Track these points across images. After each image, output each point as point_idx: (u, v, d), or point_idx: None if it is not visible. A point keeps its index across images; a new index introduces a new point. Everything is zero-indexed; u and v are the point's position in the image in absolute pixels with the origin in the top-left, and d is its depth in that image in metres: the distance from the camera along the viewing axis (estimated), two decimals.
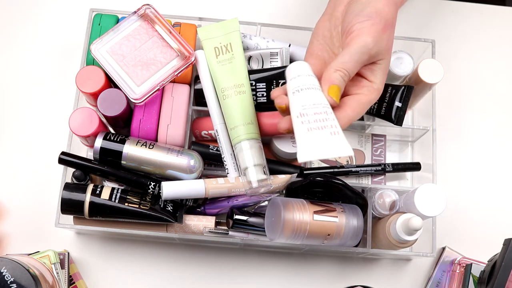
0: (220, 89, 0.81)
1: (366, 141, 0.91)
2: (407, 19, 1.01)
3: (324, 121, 0.64)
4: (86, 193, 0.80)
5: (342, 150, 0.64)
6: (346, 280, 0.92)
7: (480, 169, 0.96)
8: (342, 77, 0.67)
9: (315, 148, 0.63)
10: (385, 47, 0.69)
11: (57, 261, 0.82)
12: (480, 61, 1.01)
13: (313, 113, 0.65)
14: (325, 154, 0.63)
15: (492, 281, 0.76)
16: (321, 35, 0.74)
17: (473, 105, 0.99)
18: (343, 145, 0.64)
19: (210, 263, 0.91)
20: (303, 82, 0.67)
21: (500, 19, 1.03)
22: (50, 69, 0.97)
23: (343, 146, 0.64)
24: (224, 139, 0.81)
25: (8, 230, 0.90)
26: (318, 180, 0.81)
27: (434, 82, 0.85)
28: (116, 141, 0.80)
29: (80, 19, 0.97)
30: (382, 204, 0.86)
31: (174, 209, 0.82)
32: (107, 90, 0.81)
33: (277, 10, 1.01)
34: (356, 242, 0.81)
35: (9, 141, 0.94)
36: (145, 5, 0.82)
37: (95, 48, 0.80)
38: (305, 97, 0.66)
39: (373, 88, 0.70)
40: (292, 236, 0.77)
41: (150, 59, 0.80)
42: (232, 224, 0.82)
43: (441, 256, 0.91)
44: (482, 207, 0.95)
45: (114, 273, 0.90)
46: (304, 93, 0.66)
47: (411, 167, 0.88)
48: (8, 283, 0.68)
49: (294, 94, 0.67)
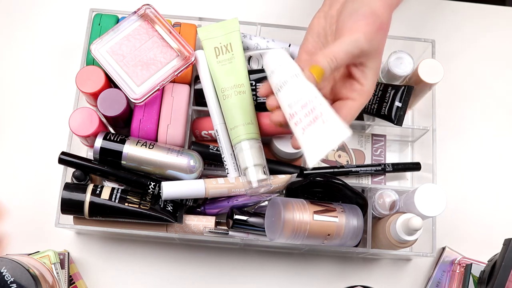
0: (220, 89, 0.81)
1: (366, 141, 0.91)
2: (407, 19, 1.01)
3: (312, 112, 0.64)
4: (86, 193, 0.80)
5: (340, 136, 0.64)
6: (346, 280, 0.92)
7: (480, 169, 0.96)
8: (328, 63, 0.65)
9: (317, 147, 0.64)
10: (377, 47, 0.68)
11: (57, 261, 0.82)
12: (480, 61, 1.01)
13: (300, 108, 0.65)
14: (327, 148, 0.64)
15: (492, 281, 0.76)
16: (315, 32, 0.73)
17: (473, 105, 0.99)
18: (340, 130, 0.64)
19: (210, 263, 0.91)
20: (283, 76, 0.67)
21: (500, 19, 1.03)
22: (50, 69, 0.97)
23: (340, 130, 0.64)
24: (224, 139, 0.81)
25: (8, 230, 0.90)
26: (318, 180, 0.81)
27: (434, 82, 0.85)
28: (116, 141, 0.80)
29: (80, 19, 0.97)
30: (382, 204, 0.86)
31: (174, 209, 0.82)
32: (107, 90, 0.81)
33: (277, 10, 1.01)
34: (356, 242, 0.81)
35: (9, 141, 0.94)
36: (145, 5, 0.82)
37: (95, 48, 0.80)
38: (288, 94, 0.66)
39: (363, 92, 0.69)
40: (292, 236, 0.77)
41: (150, 59, 0.80)
42: (232, 224, 0.82)
43: (441, 256, 0.91)
44: (482, 207, 0.95)
45: (114, 273, 0.90)
46: (286, 89, 0.66)
47: (411, 167, 0.89)
48: (8, 283, 0.68)
49: (278, 93, 0.67)
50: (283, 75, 0.67)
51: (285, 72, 0.67)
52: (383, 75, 0.89)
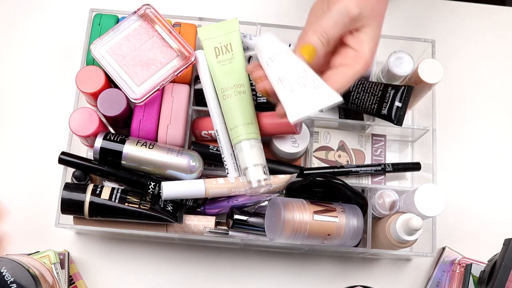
0: (220, 89, 0.81)
1: (366, 141, 0.91)
2: (407, 19, 1.01)
3: (304, 79, 0.63)
4: (86, 193, 0.80)
5: (329, 99, 0.62)
6: (346, 280, 0.92)
7: (480, 169, 0.96)
8: (318, 38, 0.64)
9: (303, 104, 0.62)
10: (371, 11, 0.66)
11: (57, 261, 0.82)
12: (480, 61, 1.01)
13: (291, 75, 0.64)
14: (314, 107, 0.62)
15: (492, 281, 0.76)
16: (314, 16, 0.72)
17: (473, 105, 0.99)
18: (330, 94, 0.63)
19: (210, 263, 0.91)
20: (274, 50, 0.66)
21: (500, 19, 1.03)
22: (50, 69, 0.97)
23: (330, 95, 0.63)
24: (224, 139, 0.81)
25: (8, 230, 0.90)
26: (318, 180, 0.81)
27: (434, 82, 0.85)
28: (116, 141, 0.80)
29: (80, 19, 0.97)
30: (382, 204, 0.86)
31: (174, 209, 0.82)
32: (107, 90, 0.81)
33: (277, 10, 1.01)
34: (356, 242, 0.81)
35: (9, 141, 0.94)
36: (145, 5, 0.82)
37: (95, 48, 0.80)
38: (280, 64, 0.65)
39: (358, 57, 0.66)
40: (292, 236, 0.77)
41: (150, 59, 0.80)
42: (232, 224, 0.82)
43: (441, 256, 0.91)
44: (482, 207, 0.95)
45: (114, 273, 0.90)
46: (278, 60, 0.66)
47: (411, 167, 0.89)
48: (8, 283, 0.68)
49: (269, 64, 0.66)
50: (273, 51, 0.66)
51: (275, 48, 0.66)
52: (383, 75, 0.89)
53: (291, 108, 0.62)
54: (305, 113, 0.62)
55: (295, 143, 0.85)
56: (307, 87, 0.63)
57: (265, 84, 0.66)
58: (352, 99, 0.86)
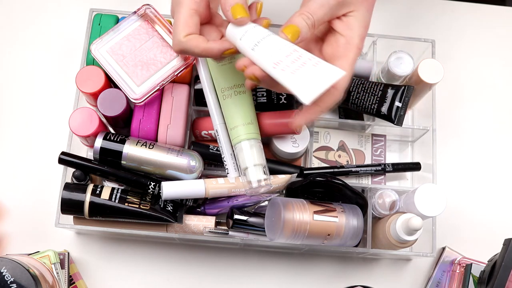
0: (220, 89, 0.81)
1: (366, 141, 0.91)
2: (407, 19, 1.01)
3: (300, 58, 0.61)
4: (86, 193, 0.80)
5: (335, 75, 0.61)
6: (346, 280, 0.92)
7: (480, 169, 0.96)
8: (304, 20, 0.63)
9: (312, 83, 0.60)
10: None
11: (57, 261, 0.82)
12: (480, 61, 1.01)
13: (285, 57, 0.61)
14: (324, 84, 0.60)
15: (492, 281, 0.76)
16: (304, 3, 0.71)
17: (473, 105, 0.99)
18: (332, 69, 0.61)
19: (210, 263, 0.91)
20: (256, 34, 0.64)
21: (500, 19, 1.03)
22: (50, 69, 0.97)
23: (333, 70, 0.61)
24: (224, 139, 0.81)
25: (8, 230, 0.90)
26: (318, 180, 0.81)
27: (434, 82, 0.85)
28: (116, 141, 0.80)
29: (80, 19, 0.97)
30: (382, 204, 0.86)
31: (174, 209, 0.82)
32: (107, 90, 0.81)
33: (277, 10, 1.01)
34: (356, 242, 0.81)
35: (9, 141, 0.94)
36: (145, 5, 0.82)
37: (95, 48, 0.80)
38: (267, 48, 0.63)
39: (350, 45, 0.65)
40: (292, 236, 0.77)
41: (150, 59, 0.80)
42: (232, 224, 0.82)
43: (441, 256, 0.91)
44: (482, 207, 0.95)
45: (114, 273, 0.90)
46: (263, 44, 0.63)
47: (411, 167, 0.88)
48: (8, 283, 0.68)
49: (254, 49, 0.63)
50: (256, 35, 0.64)
51: (257, 32, 0.64)
52: (383, 75, 0.89)
53: (301, 90, 0.60)
54: (317, 91, 0.60)
55: (295, 143, 0.85)
56: (306, 66, 0.61)
57: (253, 70, 0.64)
58: (352, 99, 0.86)
